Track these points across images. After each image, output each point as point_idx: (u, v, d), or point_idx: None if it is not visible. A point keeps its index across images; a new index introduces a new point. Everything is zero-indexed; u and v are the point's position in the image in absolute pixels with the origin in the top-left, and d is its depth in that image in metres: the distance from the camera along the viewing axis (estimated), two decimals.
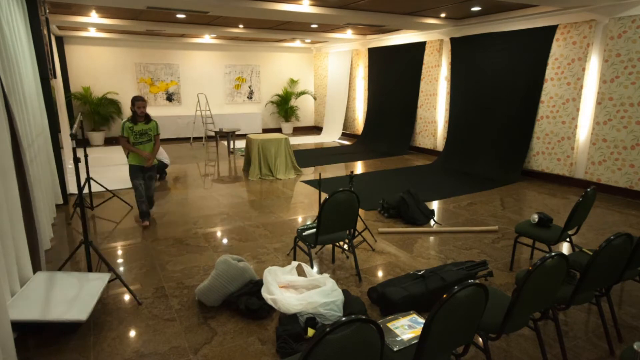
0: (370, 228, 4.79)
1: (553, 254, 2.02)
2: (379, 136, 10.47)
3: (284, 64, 13.29)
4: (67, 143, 8.20)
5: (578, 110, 6.48)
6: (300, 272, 3.28)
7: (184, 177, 7.33)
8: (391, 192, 5.94)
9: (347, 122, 12.37)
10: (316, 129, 13.86)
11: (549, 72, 6.84)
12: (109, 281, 3.25)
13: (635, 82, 5.73)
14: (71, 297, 2.80)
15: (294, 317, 2.80)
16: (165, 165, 7.17)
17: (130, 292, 3.22)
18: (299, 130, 13.64)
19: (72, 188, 6.10)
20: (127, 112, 11.18)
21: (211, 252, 4.10)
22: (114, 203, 5.69)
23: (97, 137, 10.74)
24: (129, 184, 6.22)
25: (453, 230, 4.69)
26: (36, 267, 3.38)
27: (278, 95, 13.16)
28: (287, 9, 6.55)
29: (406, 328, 2.28)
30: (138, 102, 4.51)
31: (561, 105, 6.72)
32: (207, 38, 11.41)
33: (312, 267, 3.40)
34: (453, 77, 8.58)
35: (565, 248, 4.26)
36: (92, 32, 10.12)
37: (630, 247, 2.42)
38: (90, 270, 3.30)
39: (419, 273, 3.33)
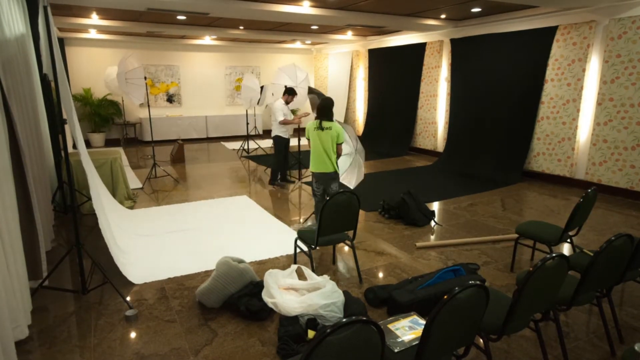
0: (371, 229, 4.80)
1: (554, 254, 2.02)
2: (379, 137, 10.47)
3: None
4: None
5: (578, 111, 6.47)
6: (301, 275, 3.28)
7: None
8: (391, 193, 5.93)
9: (348, 123, 12.38)
10: None
11: (549, 73, 6.84)
12: (102, 284, 3.25)
13: (635, 82, 5.73)
14: None
15: (294, 318, 2.80)
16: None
17: (122, 297, 3.22)
18: (299, 131, 13.62)
19: None
20: (127, 112, 11.19)
21: None
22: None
23: (97, 138, 10.75)
24: None
25: (476, 241, 4.41)
26: (36, 268, 3.38)
27: None
28: (287, 10, 6.56)
29: (407, 329, 2.28)
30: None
31: (561, 106, 6.71)
32: (207, 39, 11.42)
33: (312, 268, 3.40)
34: (453, 78, 8.58)
35: (566, 249, 4.26)
36: (92, 34, 10.14)
37: (631, 248, 2.42)
38: (82, 274, 3.29)
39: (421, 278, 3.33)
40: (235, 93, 12.74)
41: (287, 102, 6.62)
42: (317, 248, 3.46)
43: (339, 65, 12.33)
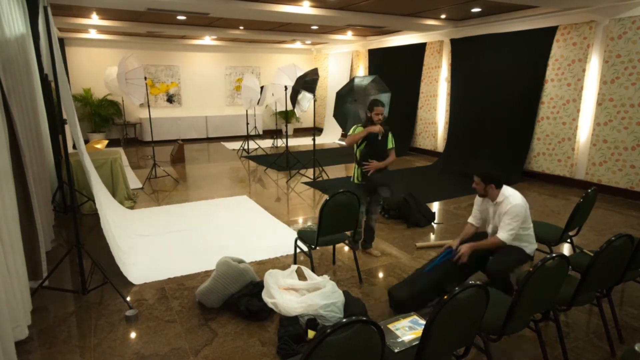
0: None
1: (554, 255, 2.02)
2: None
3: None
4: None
5: (578, 111, 6.47)
6: (301, 275, 3.28)
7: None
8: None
9: None
10: (317, 130, 13.86)
11: (549, 73, 6.84)
12: (102, 284, 3.25)
13: (635, 82, 5.73)
14: None
15: (294, 318, 2.80)
16: None
17: (122, 297, 3.22)
18: (299, 132, 13.66)
19: None
20: (127, 113, 11.19)
21: None
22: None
23: (97, 138, 10.74)
24: None
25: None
26: (36, 268, 3.38)
27: None
28: (287, 10, 6.56)
29: (407, 329, 2.28)
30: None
31: (561, 106, 6.71)
32: (207, 39, 11.42)
33: (312, 268, 3.40)
34: (453, 78, 8.58)
35: (566, 249, 4.26)
36: (92, 34, 10.15)
37: (631, 248, 2.42)
38: (82, 274, 3.29)
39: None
40: (235, 93, 12.74)
41: None
42: (317, 248, 3.46)
43: (339, 66, 12.33)
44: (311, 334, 2.66)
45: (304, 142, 11.52)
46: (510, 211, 2.95)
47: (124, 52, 10.92)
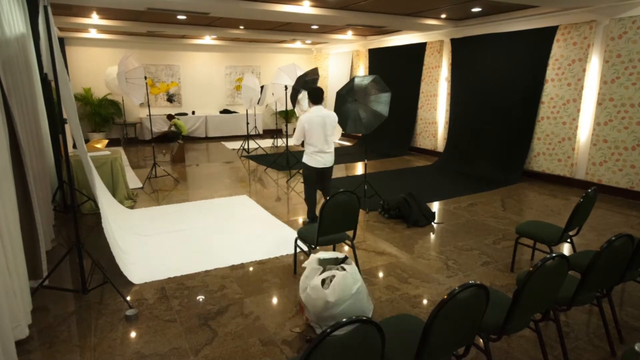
0: (371, 229, 4.80)
1: (554, 254, 2.02)
2: (380, 137, 10.47)
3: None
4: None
5: (579, 111, 6.47)
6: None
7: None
8: (391, 193, 5.93)
9: None
10: None
11: (550, 73, 6.84)
12: (103, 284, 3.25)
13: (635, 82, 5.73)
14: None
15: None
16: None
17: (122, 297, 3.22)
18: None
19: None
20: (127, 113, 11.19)
21: None
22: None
23: (97, 138, 10.74)
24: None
25: None
26: (37, 268, 3.38)
27: None
28: (287, 10, 6.56)
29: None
30: None
31: (562, 106, 6.71)
32: (207, 39, 11.42)
33: None
34: (453, 78, 8.58)
35: (566, 249, 4.26)
36: (92, 34, 10.14)
37: (631, 248, 2.42)
38: (82, 273, 3.29)
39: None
40: (235, 93, 12.74)
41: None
42: (317, 248, 3.46)
43: (339, 65, 12.32)
44: None
45: None
46: None
47: (124, 52, 10.91)
